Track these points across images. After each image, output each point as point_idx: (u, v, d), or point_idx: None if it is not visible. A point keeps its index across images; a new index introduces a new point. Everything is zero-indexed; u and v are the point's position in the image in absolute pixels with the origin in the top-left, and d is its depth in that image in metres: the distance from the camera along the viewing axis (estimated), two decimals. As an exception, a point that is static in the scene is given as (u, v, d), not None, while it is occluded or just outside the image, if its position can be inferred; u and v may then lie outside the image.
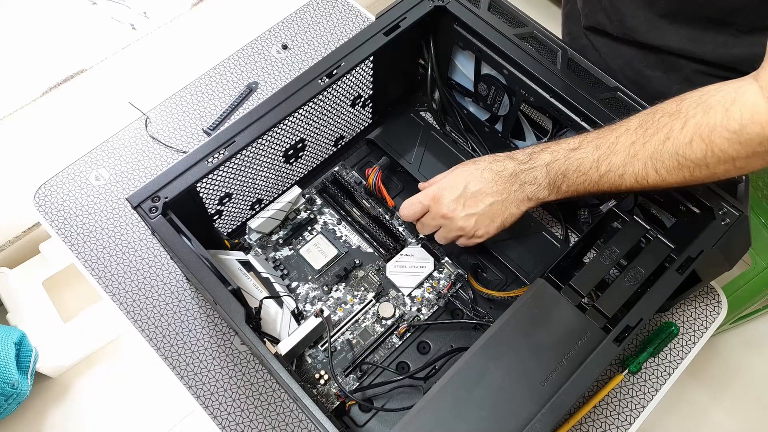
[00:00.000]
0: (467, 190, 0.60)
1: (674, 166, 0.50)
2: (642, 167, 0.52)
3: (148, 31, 1.26)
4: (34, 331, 1.25)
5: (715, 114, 0.47)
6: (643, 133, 0.51)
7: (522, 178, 0.59)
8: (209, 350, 0.69)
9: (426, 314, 0.69)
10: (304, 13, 0.93)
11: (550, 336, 0.54)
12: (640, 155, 0.52)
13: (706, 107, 0.47)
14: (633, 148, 0.52)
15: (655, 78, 0.70)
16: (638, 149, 0.52)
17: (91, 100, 1.20)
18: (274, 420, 0.66)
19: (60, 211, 0.77)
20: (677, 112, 0.49)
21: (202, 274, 0.55)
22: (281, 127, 0.63)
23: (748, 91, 0.46)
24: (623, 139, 0.53)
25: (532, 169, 0.58)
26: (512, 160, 0.59)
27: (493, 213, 0.60)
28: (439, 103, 0.78)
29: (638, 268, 0.57)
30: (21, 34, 1.24)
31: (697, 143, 0.48)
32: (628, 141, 0.52)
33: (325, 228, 0.74)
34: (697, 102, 0.48)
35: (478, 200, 0.60)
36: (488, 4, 0.68)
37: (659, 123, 0.50)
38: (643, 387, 0.70)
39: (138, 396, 1.33)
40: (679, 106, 0.49)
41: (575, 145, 0.56)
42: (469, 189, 0.60)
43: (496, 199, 0.60)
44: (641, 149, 0.51)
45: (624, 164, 0.53)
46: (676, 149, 0.49)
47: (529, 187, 0.59)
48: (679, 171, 0.51)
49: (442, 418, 0.51)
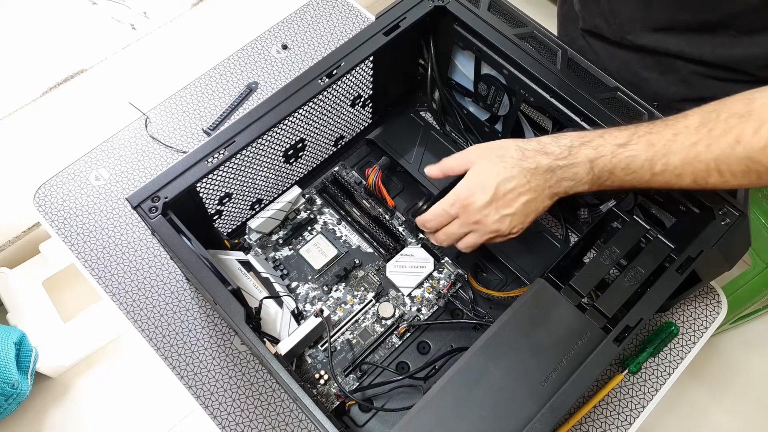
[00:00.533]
0: (499, 190, 0.55)
1: (742, 170, 0.48)
2: (704, 168, 0.49)
3: (148, 31, 1.26)
4: (34, 331, 1.25)
5: None
6: (707, 133, 0.48)
7: (560, 174, 0.54)
8: (209, 350, 0.69)
9: (426, 314, 0.69)
10: (304, 13, 0.93)
11: (550, 336, 0.54)
12: (703, 157, 0.49)
13: None
14: (695, 149, 0.49)
15: (653, 80, 0.70)
16: (701, 150, 0.48)
17: (91, 100, 1.20)
18: (274, 420, 0.66)
19: (60, 211, 0.77)
20: (748, 114, 0.46)
21: (202, 274, 0.55)
22: (281, 127, 0.63)
23: None
24: (682, 139, 0.49)
25: (572, 165, 0.54)
26: (546, 155, 0.55)
27: (528, 210, 0.57)
28: (439, 103, 0.78)
29: (638, 268, 0.57)
30: (21, 34, 1.24)
31: None
32: (689, 141, 0.49)
33: (325, 228, 0.74)
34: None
35: (512, 200, 0.56)
36: (488, 4, 0.68)
37: (727, 124, 0.47)
38: (643, 387, 0.70)
39: (138, 396, 1.33)
40: (749, 107, 0.47)
41: (623, 141, 0.52)
42: (501, 189, 0.55)
43: (531, 197, 0.55)
44: (705, 150, 0.48)
45: (683, 165, 0.50)
46: (748, 154, 0.47)
47: (567, 182, 0.55)
48: (746, 175, 0.48)
49: (442, 418, 0.51)
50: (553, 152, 0.54)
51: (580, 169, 0.54)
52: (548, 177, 0.55)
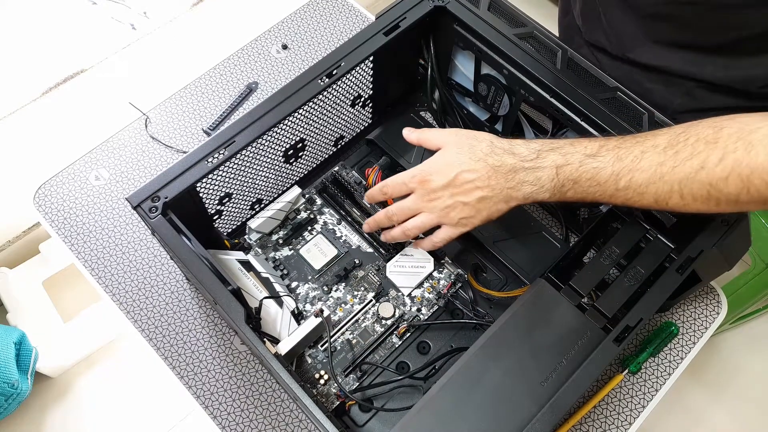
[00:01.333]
0: (458, 178, 0.56)
1: (703, 196, 0.48)
2: (667, 190, 0.49)
3: (148, 31, 1.26)
4: (34, 331, 1.25)
5: (757, 155, 0.44)
6: (674, 155, 0.48)
7: (521, 177, 0.55)
8: (209, 350, 0.69)
9: (426, 314, 0.69)
10: (304, 13, 0.93)
11: (550, 336, 0.54)
12: (668, 178, 0.49)
13: (747, 144, 0.45)
14: (660, 169, 0.49)
15: (656, 90, 0.69)
16: (666, 171, 0.49)
17: (91, 100, 1.20)
18: (274, 420, 0.66)
19: (60, 211, 0.77)
20: (714, 142, 0.47)
21: (202, 274, 0.55)
22: (281, 127, 0.63)
23: None
24: (650, 157, 0.50)
25: (536, 169, 0.54)
26: (513, 156, 0.55)
27: (480, 206, 0.57)
28: (439, 103, 0.78)
29: (638, 268, 0.57)
30: (21, 34, 1.24)
31: (733, 180, 0.46)
32: (656, 160, 0.49)
33: (325, 228, 0.74)
34: (738, 135, 0.46)
35: (467, 191, 0.56)
36: (488, 4, 0.68)
37: (693, 148, 0.47)
38: (643, 387, 0.70)
39: (138, 396, 1.33)
40: (717, 135, 0.47)
41: (592, 151, 0.52)
42: (461, 178, 0.56)
43: (487, 194, 0.56)
44: (670, 172, 0.49)
45: (647, 183, 0.50)
46: (710, 181, 0.47)
47: (527, 187, 0.55)
48: (707, 201, 0.48)
49: (442, 418, 0.51)
50: (521, 153, 0.55)
51: (545, 174, 0.54)
52: (510, 177, 0.55)
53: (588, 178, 0.52)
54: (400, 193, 0.61)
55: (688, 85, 0.67)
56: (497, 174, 0.55)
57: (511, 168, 0.55)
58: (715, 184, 0.47)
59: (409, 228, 0.62)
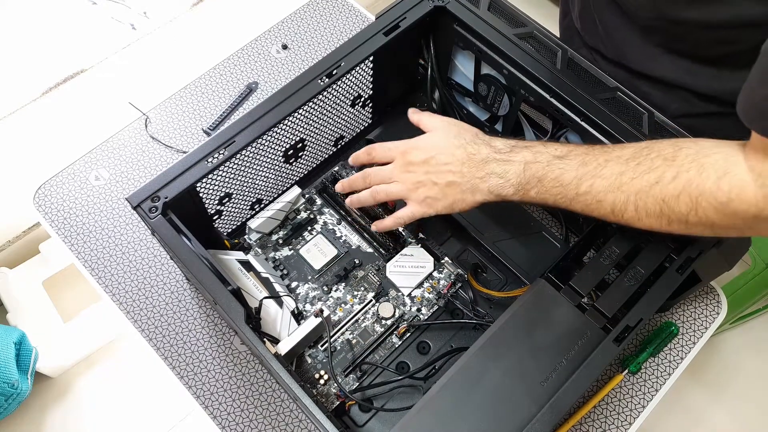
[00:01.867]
0: (435, 159, 0.59)
1: (655, 212, 0.50)
2: (623, 200, 0.51)
3: (148, 31, 1.26)
4: (34, 331, 1.25)
5: (707, 178, 0.46)
6: (635, 167, 0.50)
7: (491, 168, 0.57)
8: (209, 350, 0.69)
9: (426, 314, 0.69)
10: (304, 13, 0.93)
11: (550, 336, 0.54)
12: (626, 188, 0.51)
13: (700, 166, 0.47)
14: (620, 179, 0.51)
15: (654, 95, 0.70)
16: (625, 181, 0.51)
17: (91, 100, 1.20)
18: (274, 420, 0.66)
19: (60, 211, 0.77)
20: (672, 160, 0.48)
21: (202, 274, 0.55)
22: (281, 127, 0.63)
23: (739, 166, 0.45)
24: (612, 166, 0.52)
25: (506, 162, 0.56)
26: (489, 147, 0.58)
27: (446, 191, 0.59)
28: (439, 103, 0.78)
29: (638, 268, 0.57)
30: (21, 34, 1.24)
31: (684, 199, 0.48)
32: (617, 170, 0.51)
33: (325, 228, 0.74)
34: (693, 157, 0.47)
35: (440, 173, 0.59)
36: (488, 4, 0.68)
37: (653, 163, 0.49)
38: (643, 387, 0.70)
39: (138, 396, 1.33)
40: (675, 154, 0.49)
41: (562, 153, 0.54)
42: (437, 159, 0.59)
43: (456, 180, 0.58)
44: (628, 183, 0.50)
45: (606, 191, 0.52)
46: (663, 196, 0.49)
47: (494, 179, 0.56)
48: (659, 218, 0.50)
49: (442, 418, 0.51)
50: (496, 146, 0.58)
51: (513, 168, 0.56)
52: (481, 167, 0.57)
53: (552, 178, 0.54)
54: (383, 158, 0.64)
55: (684, 94, 0.67)
56: (470, 161, 0.58)
57: (484, 158, 0.57)
58: (668, 201, 0.49)
59: (378, 191, 0.64)
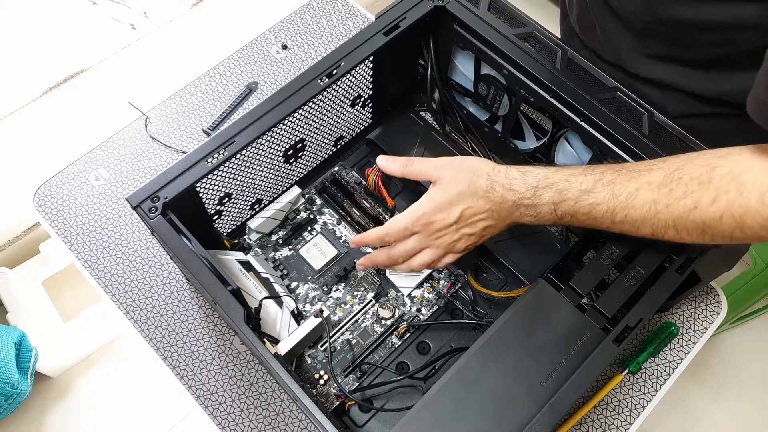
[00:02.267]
0: (463, 216, 0.58)
1: (697, 232, 0.49)
2: (662, 225, 0.50)
3: (148, 31, 1.26)
4: (34, 331, 1.25)
5: (749, 197, 0.45)
6: (668, 193, 0.49)
7: (522, 211, 0.57)
8: (209, 350, 0.69)
9: (426, 314, 0.69)
10: (304, 13, 0.93)
11: (549, 336, 0.54)
12: (662, 216, 0.50)
13: (739, 185, 0.46)
14: (655, 207, 0.50)
15: (652, 95, 0.70)
16: (661, 209, 0.50)
17: (91, 100, 1.20)
18: (274, 420, 0.66)
19: (60, 211, 0.77)
20: (708, 182, 0.47)
21: (201, 274, 0.55)
22: (281, 127, 0.63)
23: None
24: (644, 195, 0.51)
25: (535, 206, 0.56)
26: (512, 192, 0.56)
27: (484, 234, 0.60)
28: (439, 103, 0.78)
29: (638, 268, 0.57)
30: (21, 34, 1.24)
31: (727, 220, 0.47)
32: (650, 197, 0.50)
33: (325, 228, 0.74)
34: (730, 177, 0.46)
35: (472, 224, 0.58)
36: (488, 4, 0.68)
37: (687, 188, 0.48)
38: (643, 387, 0.70)
39: (138, 396, 1.33)
40: (710, 176, 0.47)
41: (588, 187, 0.53)
42: (465, 215, 0.58)
43: (492, 224, 0.58)
44: (664, 209, 0.50)
45: (643, 220, 0.51)
46: (704, 220, 0.48)
47: (529, 218, 0.57)
48: (701, 236, 0.49)
49: (442, 418, 0.51)
50: (519, 190, 0.56)
51: (544, 210, 0.55)
52: (512, 211, 0.57)
53: (585, 213, 0.54)
54: (403, 239, 0.61)
55: (680, 95, 0.68)
56: (500, 209, 0.57)
57: (512, 204, 0.56)
58: (709, 223, 0.48)
59: (417, 266, 0.63)
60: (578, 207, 0.54)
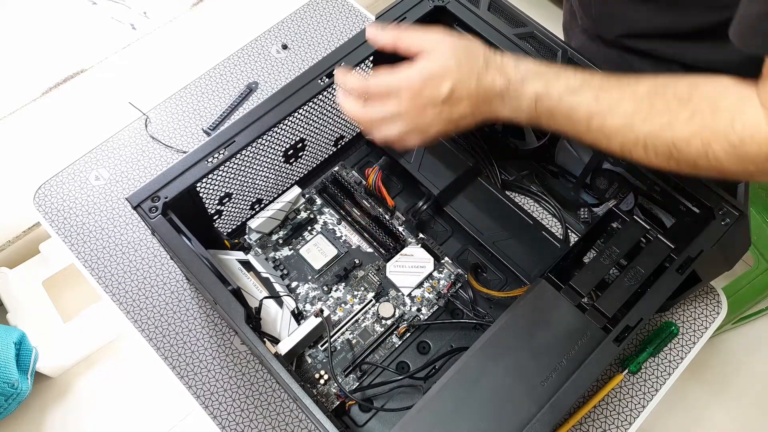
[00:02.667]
0: (453, 96, 0.52)
1: (665, 154, 0.49)
2: (633, 140, 0.50)
3: (148, 31, 1.26)
4: (34, 331, 1.25)
5: (722, 119, 0.45)
6: (649, 108, 0.48)
7: (506, 102, 0.53)
8: (209, 350, 0.69)
9: (426, 314, 0.69)
10: (304, 13, 0.93)
11: (550, 336, 0.54)
12: (637, 128, 0.49)
13: (714, 109, 0.46)
14: (632, 119, 0.49)
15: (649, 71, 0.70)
16: (637, 122, 0.49)
17: (91, 100, 1.20)
18: (274, 420, 0.66)
19: (60, 211, 0.77)
20: (687, 101, 0.47)
21: (202, 274, 0.55)
22: (281, 127, 0.63)
23: (752, 105, 0.44)
24: (626, 105, 0.49)
25: (518, 98, 0.52)
26: (503, 76, 0.52)
27: (458, 123, 0.54)
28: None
29: (638, 268, 0.57)
30: (21, 34, 1.24)
31: (695, 143, 0.47)
32: (630, 108, 0.49)
33: (325, 228, 0.74)
34: (709, 99, 0.46)
35: (454, 108, 0.53)
36: (488, 4, 0.68)
37: (668, 104, 0.48)
38: (643, 387, 0.70)
39: (138, 396, 1.33)
40: (690, 95, 0.47)
41: (574, 86, 0.51)
42: (455, 96, 0.52)
43: (470, 112, 0.53)
44: (640, 124, 0.49)
45: (617, 129, 0.50)
46: (673, 139, 0.47)
47: (507, 112, 0.53)
48: (667, 160, 0.49)
49: (442, 418, 0.51)
50: (510, 75, 0.52)
51: (524, 103, 0.52)
52: (494, 99, 0.53)
53: (563, 113, 0.52)
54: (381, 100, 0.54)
55: (674, 68, 0.67)
56: (486, 94, 0.53)
57: (498, 92, 0.53)
58: (677, 144, 0.47)
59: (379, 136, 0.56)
60: (560, 107, 0.52)
